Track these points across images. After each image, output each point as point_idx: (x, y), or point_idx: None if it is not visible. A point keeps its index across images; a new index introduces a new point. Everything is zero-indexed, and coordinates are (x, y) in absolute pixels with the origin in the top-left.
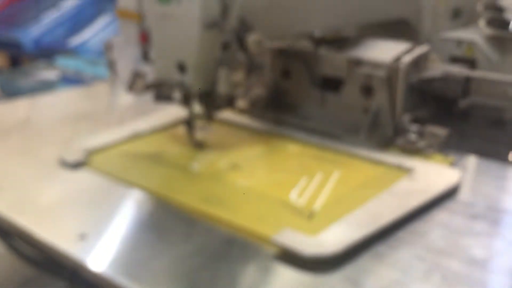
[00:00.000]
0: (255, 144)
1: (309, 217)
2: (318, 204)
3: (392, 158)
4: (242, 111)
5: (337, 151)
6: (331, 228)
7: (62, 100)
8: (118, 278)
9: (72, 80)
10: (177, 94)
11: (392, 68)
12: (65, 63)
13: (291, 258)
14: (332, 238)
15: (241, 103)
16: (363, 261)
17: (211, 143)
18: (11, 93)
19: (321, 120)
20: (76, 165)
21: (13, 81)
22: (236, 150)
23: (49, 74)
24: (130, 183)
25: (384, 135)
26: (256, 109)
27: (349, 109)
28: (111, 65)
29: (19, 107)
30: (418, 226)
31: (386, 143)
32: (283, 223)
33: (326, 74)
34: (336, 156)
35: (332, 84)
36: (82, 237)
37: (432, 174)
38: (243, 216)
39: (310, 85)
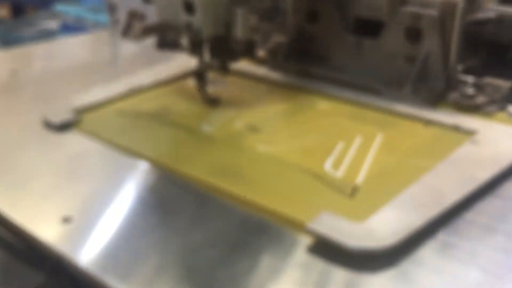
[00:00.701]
0: (277, 101)
1: (351, 195)
2: (360, 177)
3: (447, 116)
4: (261, 62)
5: (377, 109)
6: (382, 211)
7: (54, 51)
8: (107, 277)
9: (72, 28)
10: (184, 40)
11: (447, 5)
12: (66, 10)
13: (331, 251)
14: (384, 225)
15: (260, 51)
16: (426, 255)
17: (225, 99)
18: (11, 43)
19: (356, 72)
20: (63, 127)
21: (14, 31)
22: (255, 108)
23: (49, 23)
24: (127, 150)
25: (434, 88)
26: (277, 59)
27: (390, 57)
28: (111, 10)
29: (6, 59)
30: (491, 204)
31: (436, 98)
32: (318, 203)
33: (362, 16)
34: (377, 115)
35: (370, 28)
36: (66, 220)
37: (500, 138)
38: (266, 193)
39: (342, 29)
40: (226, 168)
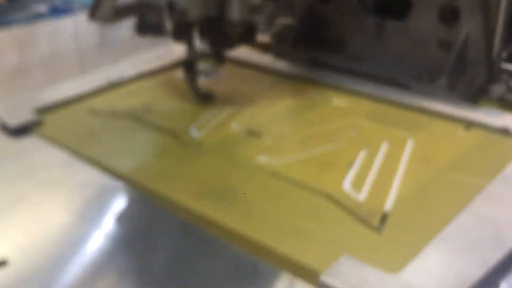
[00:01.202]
0: (283, 96)
1: (378, 227)
2: (390, 201)
3: (493, 116)
4: (264, 48)
5: (405, 107)
6: (424, 254)
7: (26, 37)
8: None
9: (60, 10)
10: (168, 23)
11: None
12: None
13: None
14: (428, 277)
15: (262, 36)
16: None
17: (219, 94)
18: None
19: (378, 61)
20: (20, 131)
21: (5, 15)
22: (256, 105)
23: (40, 6)
24: (96, 163)
25: (474, 81)
26: (284, 45)
27: (420, 44)
28: None
29: None
30: None
31: (477, 93)
32: (334, 239)
33: None
34: (405, 115)
35: (394, 8)
36: (2, 264)
37: None
38: (267, 226)
39: (361, 10)
40: (217, 189)
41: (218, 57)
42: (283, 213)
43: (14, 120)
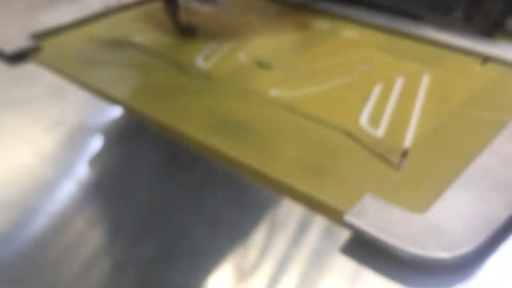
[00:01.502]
0: (290, 27)
1: (399, 165)
2: (409, 138)
3: (510, 51)
4: None
5: (419, 39)
6: (449, 193)
7: None
8: None
9: None
10: None
11: None
12: None
13: (378, 257)
14: (456, 217)
15: None
16: None
17: (223, 23)
18: None
19: None
20: (16, 57)
21: None
22: (262, 35)
23: None
24: (98, 91)
25: (491, 13)
26: None
27: None
28: None
29: None
30: None
31: (494, 26)
32: (353, 176)
33: None
34: (419, 48)
35: None
36: None
37: None
38: (283, 161)
39: None
40: (229, 122)
41: None
42: (298, 149)
43: (10, 46)
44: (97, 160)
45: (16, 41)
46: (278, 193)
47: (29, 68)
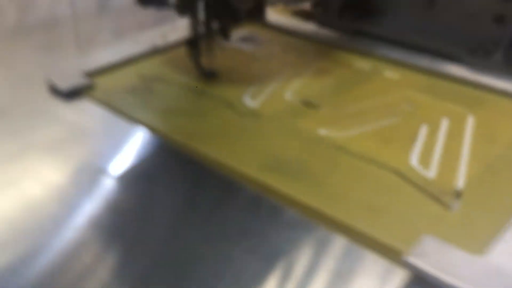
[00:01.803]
0: (331, 66)
1: (452, 207)
2: (461, 179)
3: None
4: (304, 16)
5: (460, 81)
6: (507, 235)
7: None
8: None
9: None
10: None
11: None
12: None
13: None
14: None
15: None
16: None
17: (263, 62)
18: None
19: (428, 33)
20: (71, 94)
21: None
22: (304, 75)
23: None
24: (148, 125)
25: None
26: (328, 13)
27: (474, 16)
28: None
29: None
30: None
31: None
32: (409, 217)
33: None
34: (461, 89)
35: None
36: None
37: None
38: (338, 200)
39: None
40: (282, 161)
41: (223, 34)
42: (353, 188)
43: (65, 83)
44: (143, 195)
45: (72, 79)
46: (334, 231)
47: (84, 104)
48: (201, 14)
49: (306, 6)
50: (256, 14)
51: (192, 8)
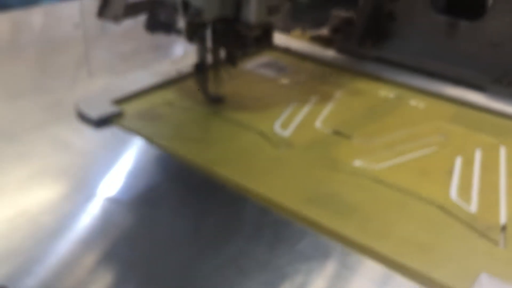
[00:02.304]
0: (355, 94)
1: (500, 242)
2: (503, 212)
3: None
4: (324, 43)
5: (486, 110)
6: None
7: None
8: None
9: None
10: (180, 23)
11: None
12: None
13: None
14: None
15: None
16: None
17: (289, 89)
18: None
19: (450, 62)
20: (101, 122)
21: None
22: (331, 103)
23: None
24: (179, 156)
25: None
26: (349, 41)
27: (496, 45)
28: None
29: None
30: None
31: None
32: (460, 252)
33: None
34: (488, 119)
35: (468, 7)
36: None
37: None
38: (386, 237)
39: (431, 7)
40: (322, 194)
41: (231, 62)
42: (398, 223)
43: (95, 112)
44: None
45: (101, 107)
46: (388, 269)
47: (114, 133)
48: (209, 41)
49: (324, 31)
50: (264, 41)
51: (200, 34)
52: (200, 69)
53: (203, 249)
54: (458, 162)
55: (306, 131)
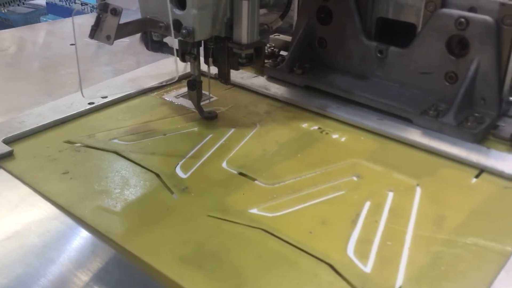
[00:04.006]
0: (275, 126)
1: None
2: (400, 275)
3: (506, 162)
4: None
5: (409, 145)
6: None
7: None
8: None
9: (59, 10)
10: (175, 43)
11: (508, 8)
12: None
13: None
14: None
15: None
16: None
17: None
18: None
19: (379, 92)
20: None
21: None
22: (245, 136)
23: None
24: (58, 204)
25: (484, 118)
26: (278, 68)
27: (425, 75)
28: None
29: None
30: None
31: (487, 131)
32: None
33: (388, 18)
34: (410, 155)
35: (398, 34)
36: None
37: None
38: None
39: (361, 33)
40: (202, 252)
41: (224, 78)
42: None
43: None
44: None
45: None
46: None
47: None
48: (201, 59)
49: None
50: (255, 59)
51: (194, 53)
52: (193, 86)
53: None
54: (365, 209)
55: (210, 172)
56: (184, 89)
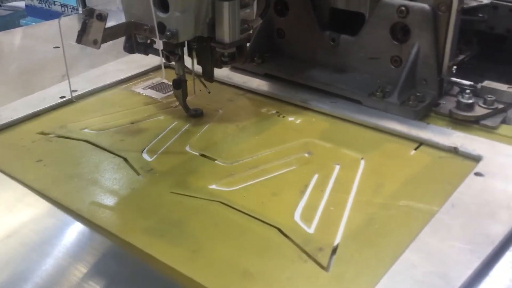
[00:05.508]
0: (237, 112)
1: (328, 266)
2: (339, 235)
3: (443, 136)
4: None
5: (358, 124)
6: None
7: None
8: None
9: (39, 12)
10: (159, 44)
11: None
12: None
13: None
14: None
15: None
16: None
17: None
18: None
19: (333, 77)
20: None
21: None
22: (209, 121)
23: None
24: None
25: (425, 97)
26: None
27: (373, 60)
28: None
29: None
30: None
31: (428, 109)
32: (284, 278)
33: (339, 7)
34: (359, 133)
35: (348, 23)
36: None
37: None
38: (213, 266)
39: (315, 23)
40: (165, 223)
41: (208, 76)
42: (232, 251)
43: None
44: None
45: None
46: None
47: None
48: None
49: None
50: (237, 57)
51: (178, 54)
52: (178, 85)
53: None
54: (313, 181)
55: (174, 155)
56: (151, 81)
